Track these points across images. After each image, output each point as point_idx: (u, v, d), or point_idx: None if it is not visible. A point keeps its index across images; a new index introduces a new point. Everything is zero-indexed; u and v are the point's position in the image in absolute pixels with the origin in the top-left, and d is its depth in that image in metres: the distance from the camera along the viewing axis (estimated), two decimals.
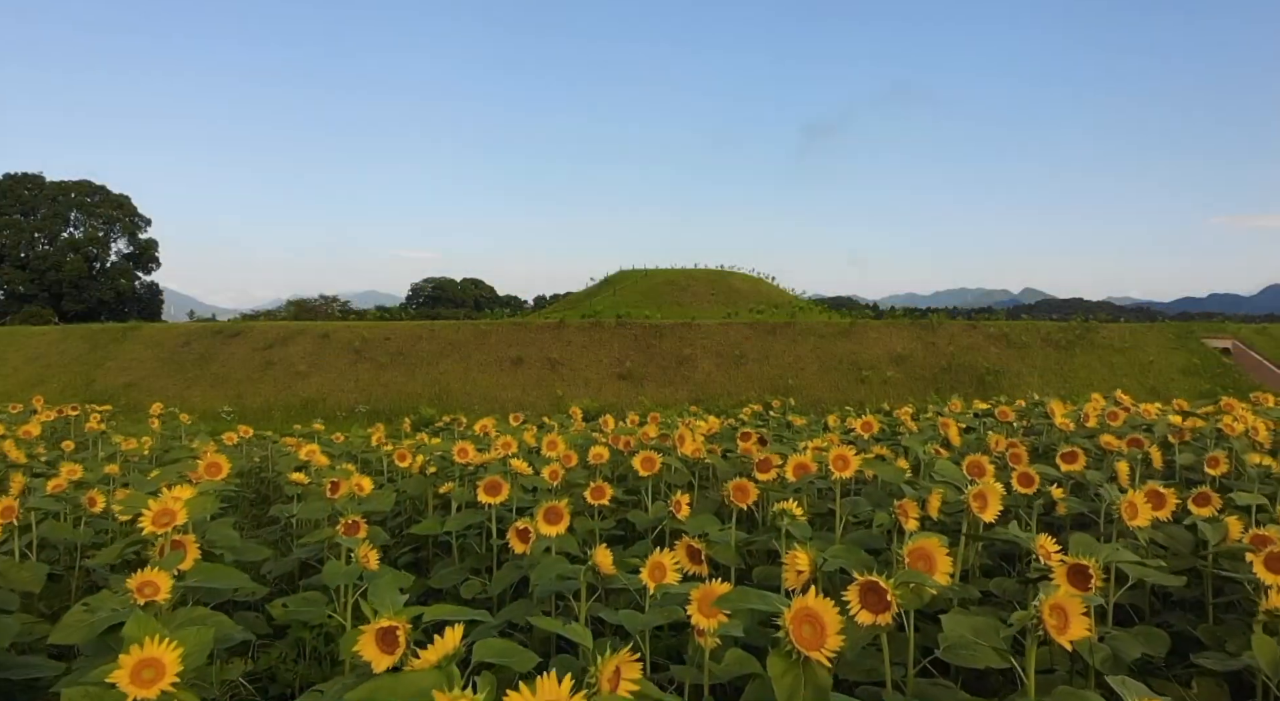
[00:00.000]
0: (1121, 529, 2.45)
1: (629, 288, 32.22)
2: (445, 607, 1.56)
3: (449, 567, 3.12)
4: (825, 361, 19.23)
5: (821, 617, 1.38)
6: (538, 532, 2.48)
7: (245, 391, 18.45)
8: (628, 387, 18.85)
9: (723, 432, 5.11)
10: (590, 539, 3.04)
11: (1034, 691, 1.53)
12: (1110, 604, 2.26)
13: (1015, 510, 2.92)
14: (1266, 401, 5.64)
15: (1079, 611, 1.52)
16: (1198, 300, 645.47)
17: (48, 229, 52.73)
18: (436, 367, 19.52)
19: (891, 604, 1.59)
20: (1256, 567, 1.93)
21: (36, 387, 19.72)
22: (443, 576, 2.99)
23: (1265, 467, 2.89)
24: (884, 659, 1.73)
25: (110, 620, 1.69)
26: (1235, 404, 4.65)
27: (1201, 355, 20.06)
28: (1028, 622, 1.53)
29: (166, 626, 1.45)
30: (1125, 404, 4.48)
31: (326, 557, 2.98)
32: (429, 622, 1.51)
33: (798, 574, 1.84)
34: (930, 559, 1.81)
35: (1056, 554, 2.01)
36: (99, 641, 1.87)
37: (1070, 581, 1.82)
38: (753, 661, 1.66)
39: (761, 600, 1.44)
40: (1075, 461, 3.21)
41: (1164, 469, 3.58)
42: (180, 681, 1.25)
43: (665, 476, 3.38)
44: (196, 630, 1.40)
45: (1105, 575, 2.26)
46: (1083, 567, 1.82)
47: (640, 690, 1.20)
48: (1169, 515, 2.52)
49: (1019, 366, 18.82)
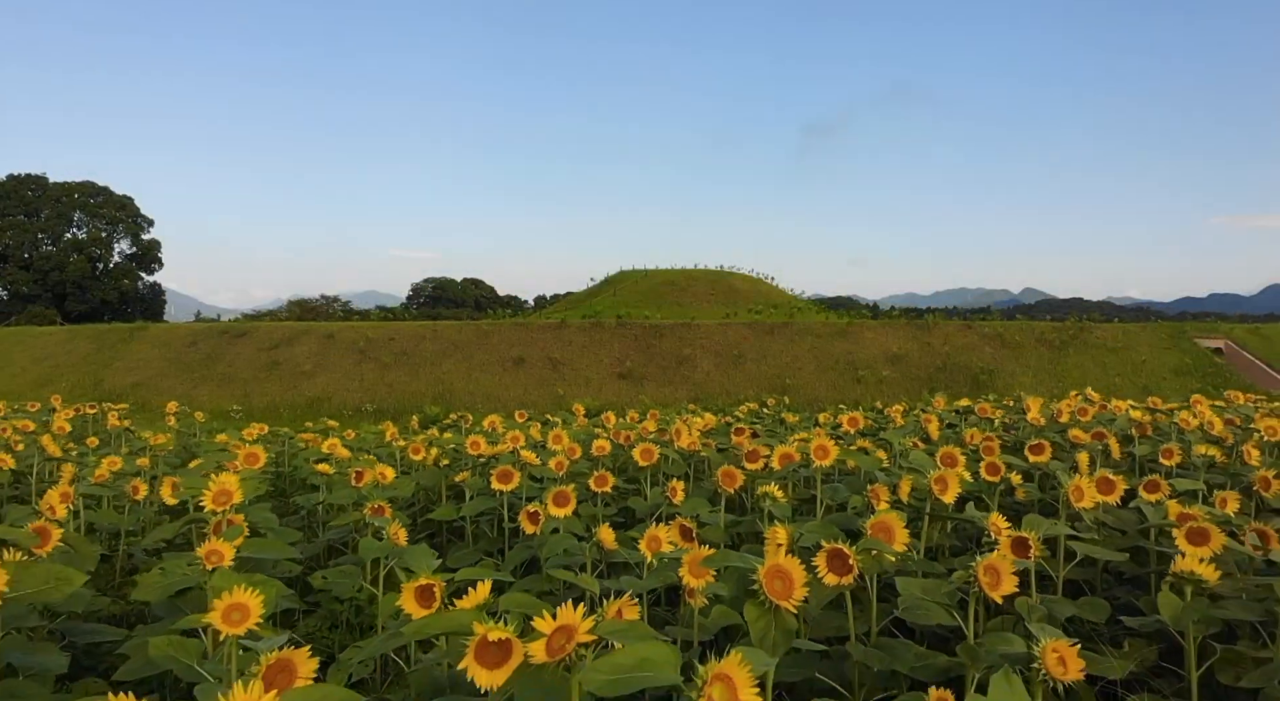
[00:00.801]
0: (1074, 512, 2.73)
1: (629, 288, 32.51)
2: (474, 570, 1.84)
3: (464, 550, 3.40)
4: (822, 361, 19.53)
5: (790, 574, 1.65)
6: (547, 514, 2.76)
7: (252, 391, 18.75)
8: (628, 387, 19.13)
9: (718, 428, 5.39)
10: (593, 522, 3.31)
11: (973, 637, 1.80)
12: (1060, 577, 2.54)
13: (982, 496, 3.19)
14: (1238, 399, 5.91)
15: (1009, 571, 1.79)
16: (1198, 300, 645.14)
17: (51, 230, 53.01)
18: (440, 367, 19.82)
19: (853, 567, 1.86)
20: (1179, 540, 2.20)
21: (45, 387, 19.99)
22: (458, 557, 3.27)
23: (1210, 457, 3.16)
24: (849, 616, 2.01)
25: (184, 582, 1.96)
26: (1202, 400, 4.93)
27: (1194, 355, 20.35)
28: (967, 579, 1.80)
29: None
30: (1096, 400, 4.75)
31: (353, 540, 3.26)
32: (460, 581, 1.79)
33: (777, 547, 2.11)
34: (890, 531, 2.09)
35: (1007, 530, 2.28)
36: (169, 603, 2.15)
37: (1013, 551, 2.10)
38: (735, 615, 1.94)
39: (741, 560, 1.71)
40: (1042, 453, 3.48)
41: (1126, 460, 3.85)
42: (262, 622, 1.53)
43: (663, 467, 3.65)
44: (266, 580, 1.68)
45: (1052, 551, 2.54)
46: (1023, 539, 2.10)
47: (637, 620, 1.47)
48: (1117, 500, 2.80)
49: (1013, 366, 19.11)
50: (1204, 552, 2.12)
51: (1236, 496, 2.62)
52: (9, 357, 22.85)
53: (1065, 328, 20.92)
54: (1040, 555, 2.12)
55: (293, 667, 1.27)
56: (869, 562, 1.94)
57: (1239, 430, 4.14)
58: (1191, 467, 3.31)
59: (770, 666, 1.29)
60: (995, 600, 1.78)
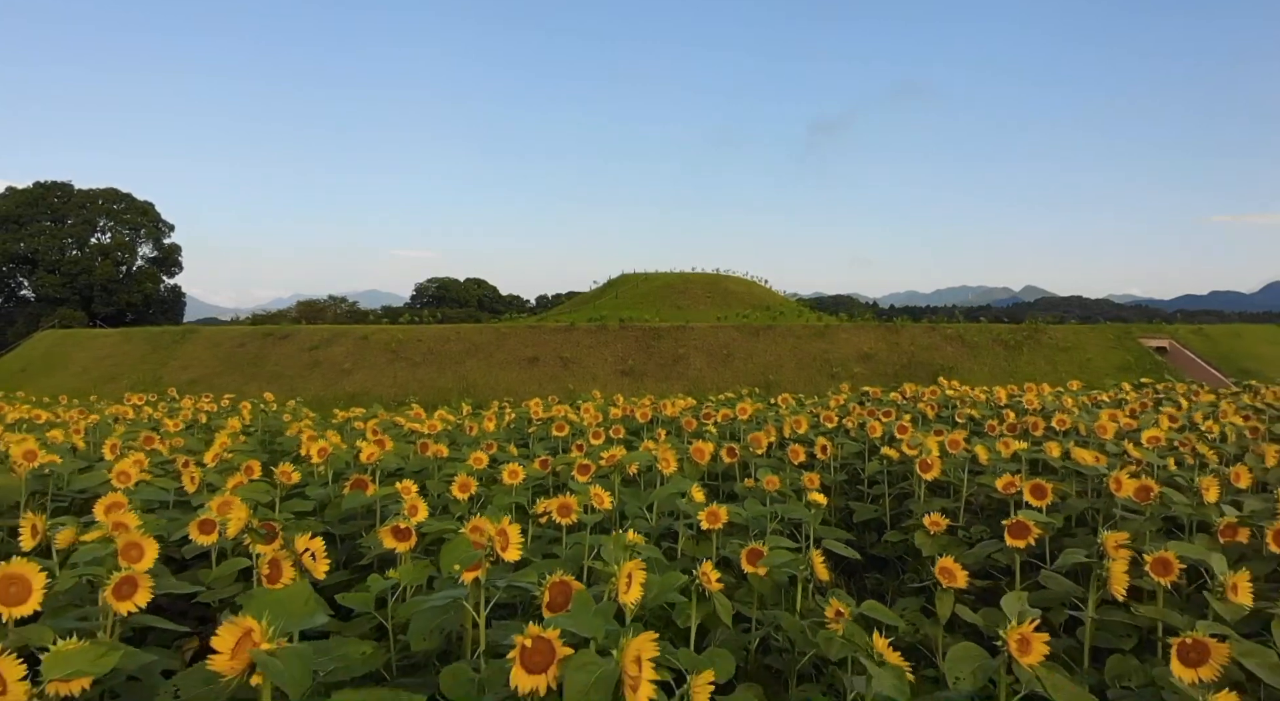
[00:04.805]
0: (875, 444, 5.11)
1: (630, 291, 34.96)
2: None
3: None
4: (802, 359, 22.02)
5: (704, 450, 4.04)
6: (589, 444, 5.16)
7: (296, 386, 21.17)
8: (630, 382, 21.56)
9: (694, 407, 7.81)
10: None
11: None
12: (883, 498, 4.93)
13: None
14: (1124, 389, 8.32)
15: (814, 482, 4.18)
16: (1198, 297, 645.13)
17: (77, 235, 55.47)
18: (463, 365, 22.32)
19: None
20: (919, 470, 4.59)
21: (109, 384, 22.46)
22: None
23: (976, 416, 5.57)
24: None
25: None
26: (1043, 387, 7.34)
27: (1136, 353, 22.78)
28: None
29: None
30: (951, 388, 7.17)
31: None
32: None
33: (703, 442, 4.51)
34: (759, 441, 4.49)
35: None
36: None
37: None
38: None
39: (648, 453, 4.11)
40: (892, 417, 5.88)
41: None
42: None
43: (656, 423, 6.06)
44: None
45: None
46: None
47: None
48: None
49: (971, 364, 21.57)
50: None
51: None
52: (71, 357, 25.35)
53: (1021, 329, 23.41)
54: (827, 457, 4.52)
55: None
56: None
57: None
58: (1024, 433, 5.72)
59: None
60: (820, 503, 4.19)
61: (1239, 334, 25.83)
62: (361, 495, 3.08)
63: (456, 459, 4.28)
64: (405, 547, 2.44)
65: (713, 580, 2.10)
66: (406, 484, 2.91)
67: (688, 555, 2.91)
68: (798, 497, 3.41)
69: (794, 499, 3.39)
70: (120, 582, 1.74)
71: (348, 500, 3.04)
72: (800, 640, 2.16)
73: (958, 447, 4.01)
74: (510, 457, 4.27)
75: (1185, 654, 1.70)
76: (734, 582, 2.60)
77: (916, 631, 2.57)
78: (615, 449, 3.74)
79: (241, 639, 1.30)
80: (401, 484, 2.92)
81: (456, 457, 4.36)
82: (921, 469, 3.57)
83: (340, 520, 3.31)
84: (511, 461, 3.63)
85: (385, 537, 2.42)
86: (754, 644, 2.40)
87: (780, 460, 4.52)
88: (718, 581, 2.09)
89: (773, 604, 2.58)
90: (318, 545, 2.07)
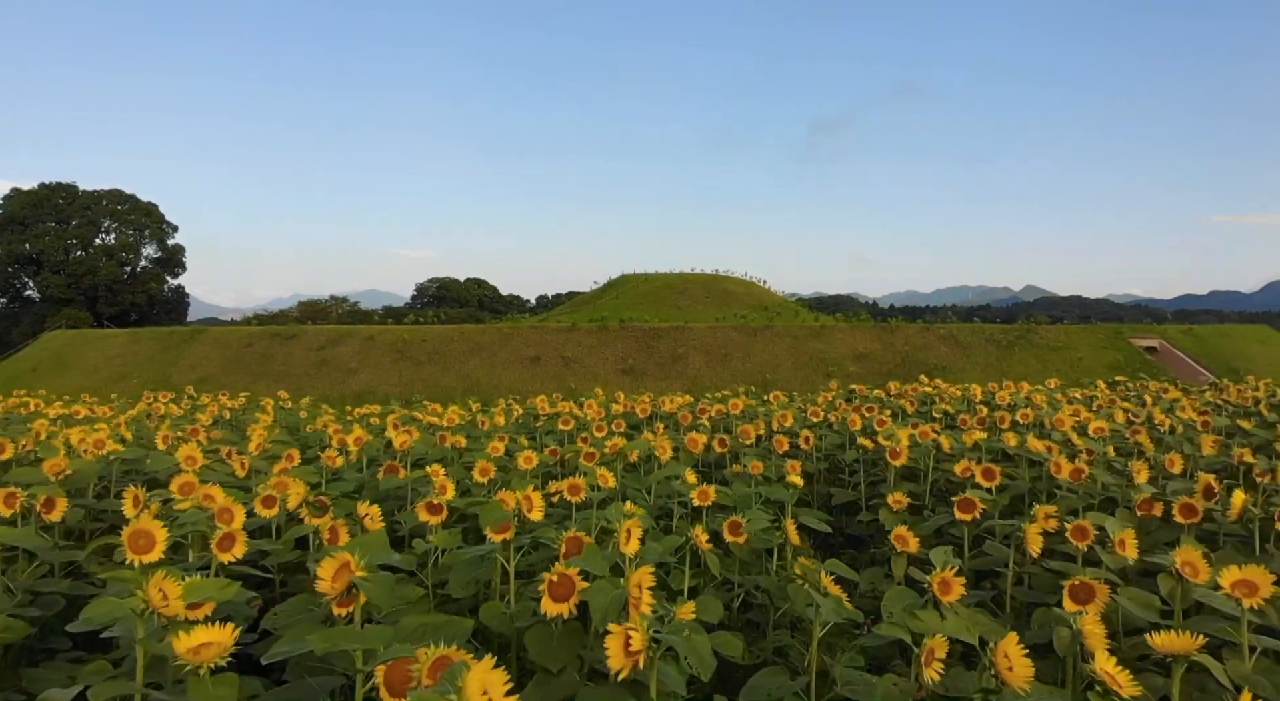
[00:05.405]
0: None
1: (630, 291, 35.38)
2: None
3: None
4: (799, 359, 22.46)
5: (697, 440, 4.46)
6: (593, 436, 5.59)
7: (303, 386, 21.60)
8: (630, 381, 21.98)
9: (690, 404, 8.24)
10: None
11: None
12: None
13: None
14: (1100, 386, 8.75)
15: (795, 468, 4.61)
16: (1198, 297, 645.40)
17: (82, 236, 55.83)
18: (467, 365, 22.77)
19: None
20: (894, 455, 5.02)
21: (120, 382, 22.89)
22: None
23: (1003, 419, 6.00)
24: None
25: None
26: (1023, 385, 7.77)
27: (1126, 353, 23.21)
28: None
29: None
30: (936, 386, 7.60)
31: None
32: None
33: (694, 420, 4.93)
34: (747, 432, 4.91)
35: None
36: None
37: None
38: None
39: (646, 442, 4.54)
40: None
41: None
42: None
43: (655, 418, 6.49)
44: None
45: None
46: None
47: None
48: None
49: (964, 364, 22.01)
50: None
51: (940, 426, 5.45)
52: (82, 357, 25.80)
53: (1013, 329, 23.86)
54: (808, 448, 4.95)
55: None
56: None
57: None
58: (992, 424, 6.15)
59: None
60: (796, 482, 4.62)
61: (1227, 334, 26.29)
62: (395, 478, 3.51)
63: (473, 449, 4.71)
64: (437, 521, 2.86)
65: (704, 541, 2.54)
66: (435, 467, 3.34)
67: (681, 532, 3.34)
68: (781, 483, 3.84)
69: (777, 483, 3.82)
70: (223, 537, 2.16)
71: (384, 482, 3.47)
72: (776, 593, 2.59)
73: (926, 438, 4.44)
74: (522, 448, 4.70)
75: (1075, 593, 2.13)
76: (721, 555, 3.02)
77: (875, 590, 2.99)
78: (617, 439, 4.17)
79: (339, 569, 1.74)
80: (430, 467, 3.35)
81: (473, 448, 4.78)
82: (891, 457, 4.00)
83: (375, 500, 3.74)
84: (524, 450, 4.05)
85: (420, 512, 2.84)
86: (736, 602, 2.83)
87: (767, 450, 4.94)
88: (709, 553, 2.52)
89: (756, 572, 3.01)
90: (375, 510, 2.50)
